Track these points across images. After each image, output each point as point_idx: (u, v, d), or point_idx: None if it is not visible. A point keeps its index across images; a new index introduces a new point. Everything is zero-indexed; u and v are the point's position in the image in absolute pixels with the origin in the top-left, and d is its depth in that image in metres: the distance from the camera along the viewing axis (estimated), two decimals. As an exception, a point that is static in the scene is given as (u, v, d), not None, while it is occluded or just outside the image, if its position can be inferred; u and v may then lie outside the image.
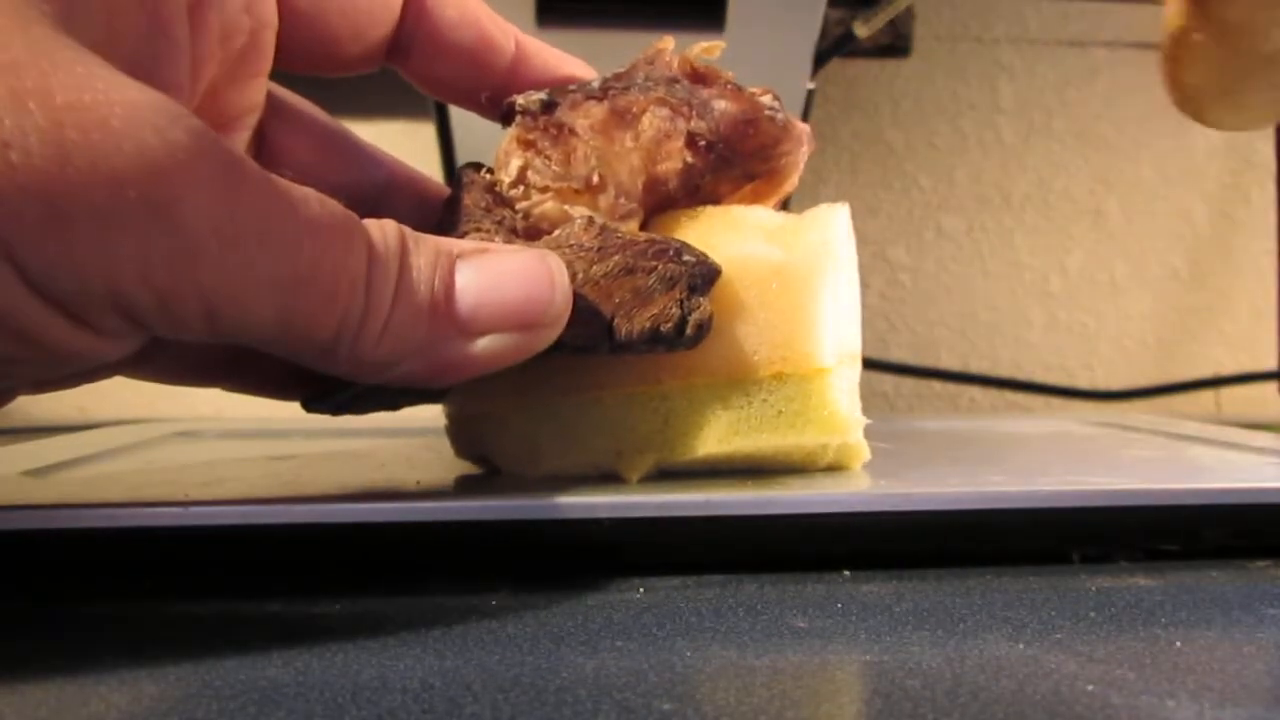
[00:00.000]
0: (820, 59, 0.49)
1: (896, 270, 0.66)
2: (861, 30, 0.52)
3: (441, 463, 0.30)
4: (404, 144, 0.59)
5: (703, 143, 0.26)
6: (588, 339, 0.23)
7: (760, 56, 0.43)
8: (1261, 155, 0.68)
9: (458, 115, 0.46)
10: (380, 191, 0.28)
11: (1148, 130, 0.67)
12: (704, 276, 0.24)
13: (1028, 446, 0.37)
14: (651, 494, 0.24)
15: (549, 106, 0.26)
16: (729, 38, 0.43)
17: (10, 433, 0.50)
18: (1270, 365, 0.67)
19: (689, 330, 0.24)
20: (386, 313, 0.20)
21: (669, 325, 0.23)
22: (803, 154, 0.27)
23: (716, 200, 0.27)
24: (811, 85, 0.47)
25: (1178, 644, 0.19)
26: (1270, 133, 0.66)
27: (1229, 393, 0.68)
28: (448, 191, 0.28)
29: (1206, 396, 0.68)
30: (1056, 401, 0.67)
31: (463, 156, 0.47)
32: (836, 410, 0.25)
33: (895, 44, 0.64)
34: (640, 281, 0.24)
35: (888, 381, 0.66)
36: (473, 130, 0.45)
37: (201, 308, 0.18)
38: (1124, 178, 0.68)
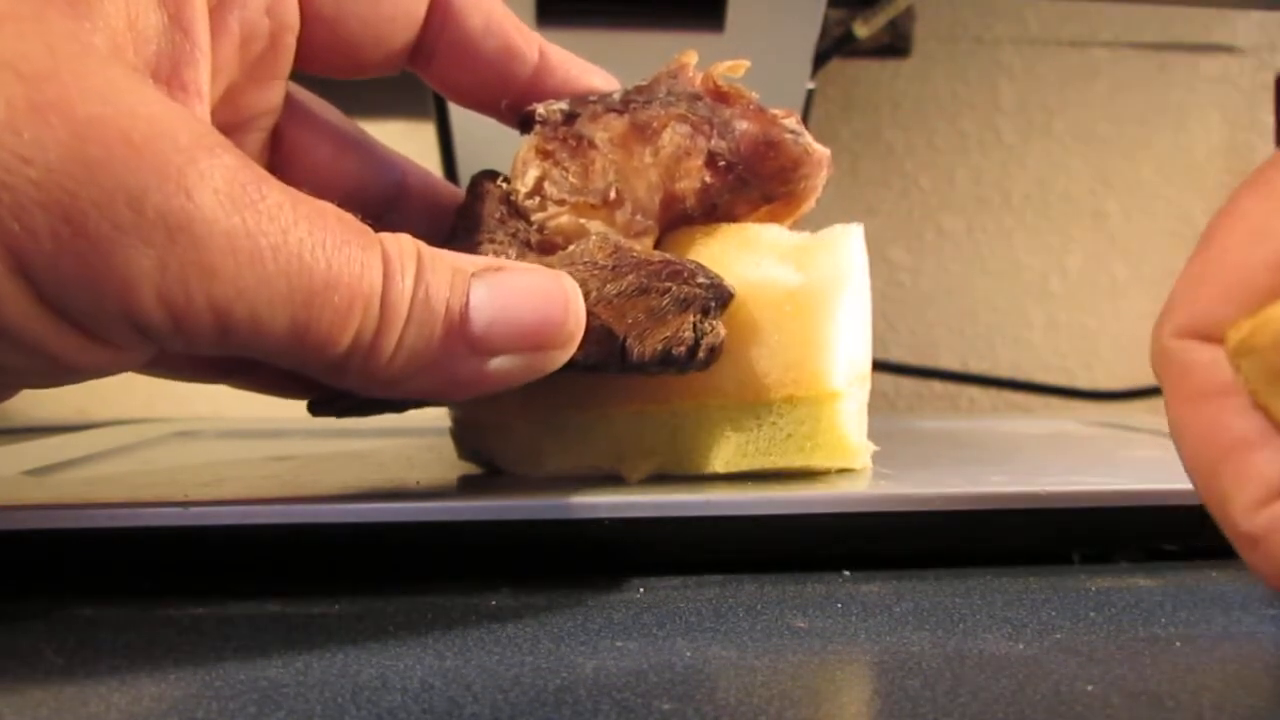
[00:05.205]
0: (820, 59, 0.49)
1: (896, 270, 0.66)
2: (861, 30, 0.52)
3: (442, 463, 0.30)
4: (404, 144, 0.59)
5: (722, 162, 0.26)
6: (599, 358, 0.23)
7: (760, 56, 0.43)
8: (1261, 155, 0.68)
9: (458, 115, 0.45)
10: (394, 194, 0.28)
11: (1148, 130, 0.67)
12: (718, 299, 0.24)
13: (1028, 446, 0.37)
14: (651, 494, 0.24)
15: (570, 117, 0.26)
16: (729, 38, 0.42)
17: (10, 433, 0.50)
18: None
19: (701, 353, 0.24)
20: (400, 330, 0.20)
21: (681, 348, 0.23)
22: (822, 178, 0.27)
23: (733, 219, 0.27)
24: (811, 85, 0.47)
25: (1178, 644, 0.19)
26: (1269, 132, 0.66)
27: (1229, 393, 0.68)
28: (461, 196, 0.28)
29: (1206, 396, 0.68)
30: (1056, 401, 0.67)
31: (463, 157, 0.47)
32: (846, 436, 0.25)
33: (895, 44, 0.64)
34: (654, 302, 0.23)
35: (888, 381, 0.66)
36: (473, 131, 0.45)
37: (215, 323, 0.18)
38: (1124, 178, 0.68)
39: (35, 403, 0.58)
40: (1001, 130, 0.67)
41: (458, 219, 0.27)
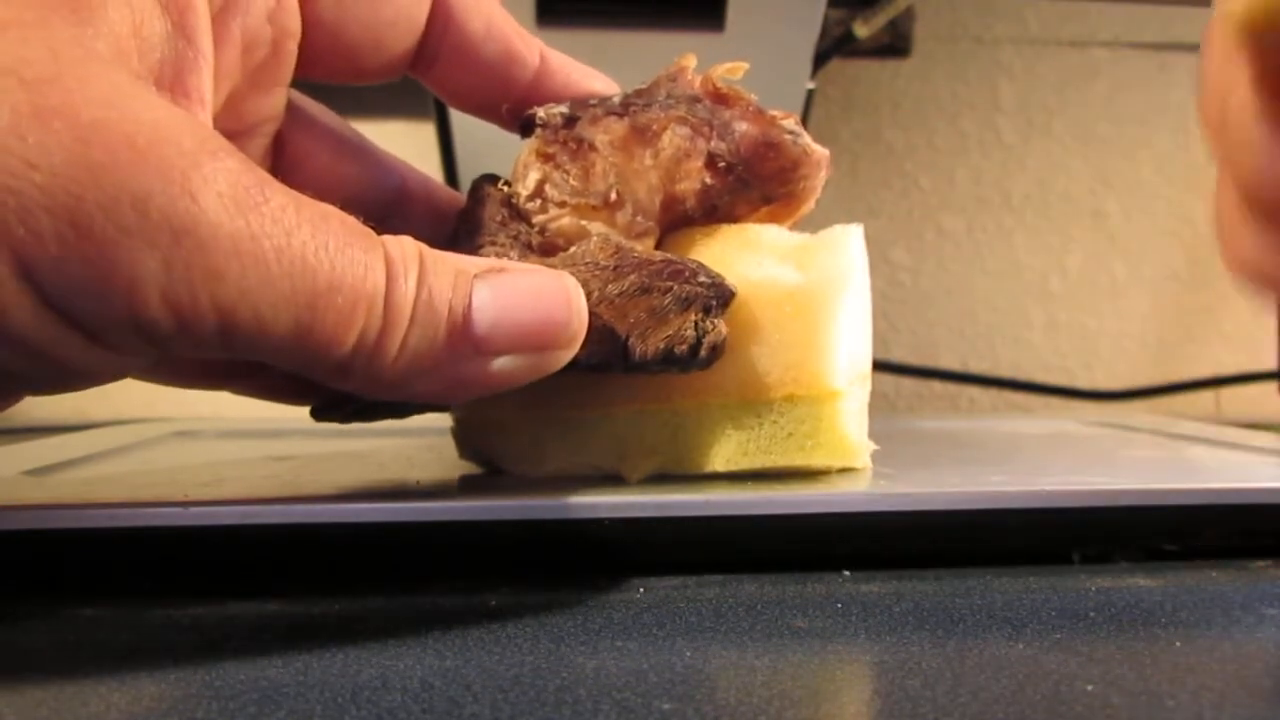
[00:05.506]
0: (820, 59, 0.49)
1: (896, 270, 0.66)
2: (861, 30, 0.52)
3: (442, 463, 0.30)
4: (404, 144, 0.59)
5: (722, 164, 0.26)
6: (602, 358, 0.23)
7: (760, 56, 0.43)
8: (1261, 155, 0.67)
9: (458, 116, 0.45)
10: (395, 199, 0.28)
11: (1148, 130, 0.67)
12: (719, 298, 0.24)
13: (1028, 446, 0.37)
14: (651, 494, 0.24)
15: (570, 121, 0.26)
16: (729, 38, 0.43)
17: (10, 433, 0.50)
18: (1270, 365, 0.67)
19: (703, 352, 0.24)
20: (403, 332, 0.20)
21: (683, 347, 0.23)
22: (821, 178, 0.27)
23: (733, 220, 0.27)
24: (811, 85, 0.47)
25: (1178, 644, 0.19)
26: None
27: (1229, 393, 0.68)
28: (462, 200, 0.28)
29: (1206, 396, 0.68)
30: (1056, 401, 0.67)
31: (463, 157, 0.47)
32: (846, 435, 0.25)
33: (895, 44, 0.64)
34: (656, 301, 0.24)
35: (888, 381, 0.66)
36: (473, 132, 0.45)
37: (219, 325, 0.18)
38: (1124, 178, 0.68)
39: (35, 403, 0.58)
40: (1001, 130, 0.67)
41: (459, 222, 0.27)
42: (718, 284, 0.24)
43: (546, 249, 0.26)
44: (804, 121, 0.45)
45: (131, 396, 0.61)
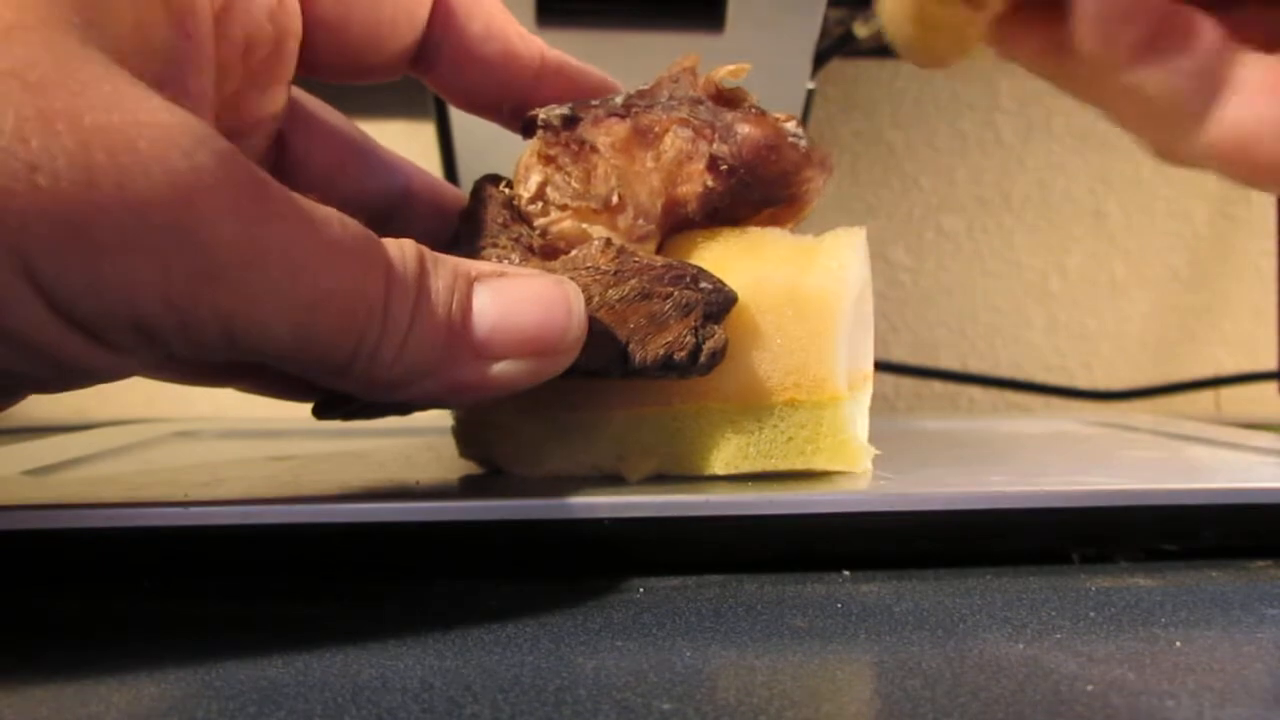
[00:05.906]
0: (820, 59, 0.49)
1: (896, 270, 0.67)
2: (861, 30, 0.52)
3: (442, 463, 0.30)
4: (404, 144, 0.59)
5: (724, 166, 0.26)
6: (601, 363, 0.23)
7: (760, 56, 0.43)
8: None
9: (458, 116, 0.45)
10: (398, 200, 0.28)
11: (1148, 130, 0.67)
12: (720, 304, 0.24)
13: (1028, 446, 0.37)
14: (651, 494, 0.24)
15: (571, 122, 0.26)
16: (729, 38, 0.43)
17: (10, 433, 0.50)
18: (1270, 365, 0.67)
19: (703, 358, 0.24)
20: (403, 335, 0.20)
21: (683, 353, 0.23)
22: (823, 181, 0.27)
23: (735, 223, 0.27)
24: (811, 85, 0.47)
25: (1178, 644, 0.19)
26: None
27: (1229, 393, 0.68)
28: (465, 201, 0.28)
29: (1206, 396, 0.68)
30: (1056, 401, 0.67)
31: (463, 158, 0.47)
32: (847, 439, 0.25)
33: (895, 44, 0.64)
34: (656, 307, 0.23)
35: (888, 382, 0.66)
36: (473, 132, 0.45)
37: (220, 329, 0.18)
38: (1124, 178, 0.68)
39: (35, 403, 0.58)
40: (1001, 130, 0.67)
41: (461, 223, 0.27)
42: (719, 290, 0.24)
43: (548, 252, 0.26)
44: (804, 121, 0.45)
45: (131, 396, 0.61)
